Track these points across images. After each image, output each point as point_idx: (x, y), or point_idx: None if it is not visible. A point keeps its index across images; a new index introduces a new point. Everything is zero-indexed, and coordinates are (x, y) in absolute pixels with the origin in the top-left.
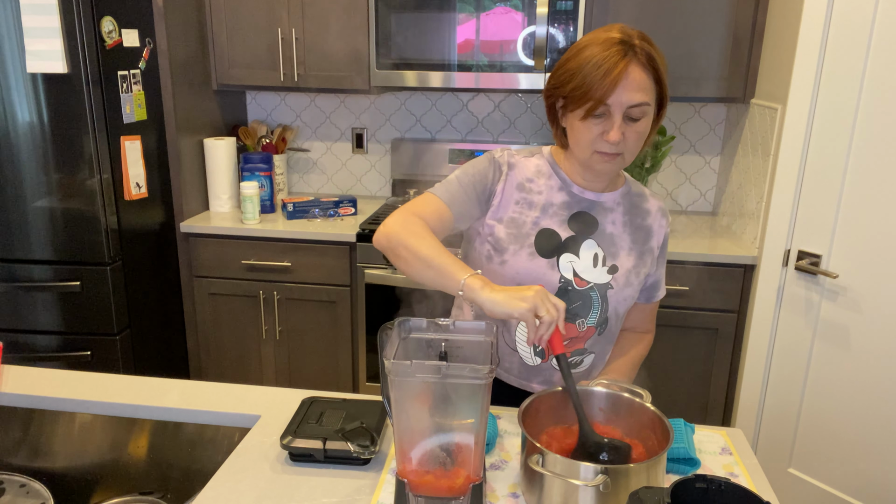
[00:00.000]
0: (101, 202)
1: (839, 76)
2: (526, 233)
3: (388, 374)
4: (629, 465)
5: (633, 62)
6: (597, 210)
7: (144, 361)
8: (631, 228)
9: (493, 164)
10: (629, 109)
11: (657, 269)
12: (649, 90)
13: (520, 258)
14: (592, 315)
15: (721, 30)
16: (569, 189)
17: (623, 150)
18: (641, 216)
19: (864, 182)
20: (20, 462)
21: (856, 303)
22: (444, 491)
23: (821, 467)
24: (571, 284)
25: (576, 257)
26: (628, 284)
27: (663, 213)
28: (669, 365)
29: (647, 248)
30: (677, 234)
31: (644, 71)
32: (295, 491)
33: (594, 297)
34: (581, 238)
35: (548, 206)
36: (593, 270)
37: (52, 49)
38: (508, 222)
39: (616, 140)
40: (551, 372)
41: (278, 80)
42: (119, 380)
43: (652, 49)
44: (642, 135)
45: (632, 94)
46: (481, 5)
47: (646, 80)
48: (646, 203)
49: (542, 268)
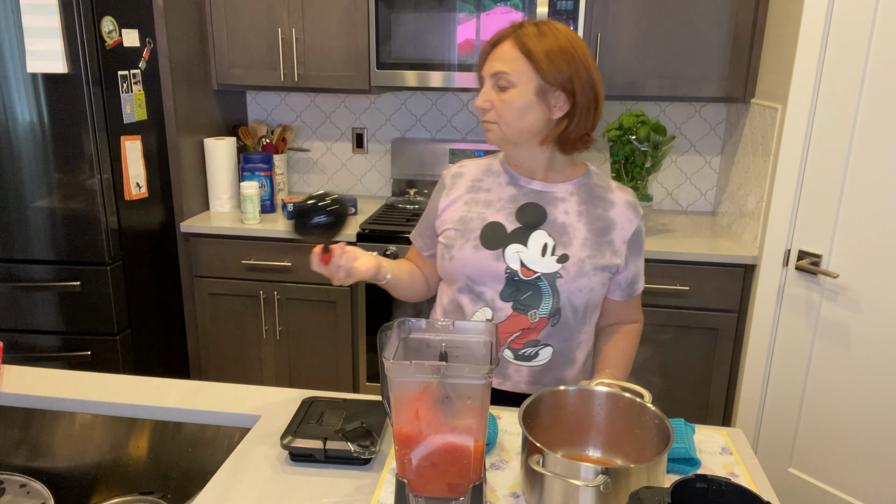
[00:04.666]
0: (101, 202)
1: (839, 76)
2: (472, 228)
3: (388, 375)
4: (629, 465)
5: (509, 38)
6: (546, 200)
7: (144, 361)
8: (588, 218)
9: (438, 186)
10: (493, 77)
11: (631, 263)
12: (514, 62)
13: (465, 252)
14: (544, 306)
15: (721, 30)
16: (516, 182)
17: (497, 119)
18: (603, 207)
19: (864, 182)
20: (20, 462)
21: (856, 303)
22: (444, 491)
23: (821, 467)
24: (517, 274)
25: (524, 247)
26: (581, 274)
27: (631, 207)
28: (669, 365)
29: (607, 239)
30: (677, 234)
31: (514, 46)
32: (295, 491)
33: (543, 286)
34: (530, 228)
35: (495, 202)
36: (541, 260)
37: (52, 49)
38: (457, 221)
39: (478, 104)
40: (505, 364)
41: (278, 80)
42: (119, 380)
43: (537, 32)
44: (510, 105)
45: (493, 62)
46: (481, 5)
47: (512, 53)
48: (609, 194)
49: (487, 259)
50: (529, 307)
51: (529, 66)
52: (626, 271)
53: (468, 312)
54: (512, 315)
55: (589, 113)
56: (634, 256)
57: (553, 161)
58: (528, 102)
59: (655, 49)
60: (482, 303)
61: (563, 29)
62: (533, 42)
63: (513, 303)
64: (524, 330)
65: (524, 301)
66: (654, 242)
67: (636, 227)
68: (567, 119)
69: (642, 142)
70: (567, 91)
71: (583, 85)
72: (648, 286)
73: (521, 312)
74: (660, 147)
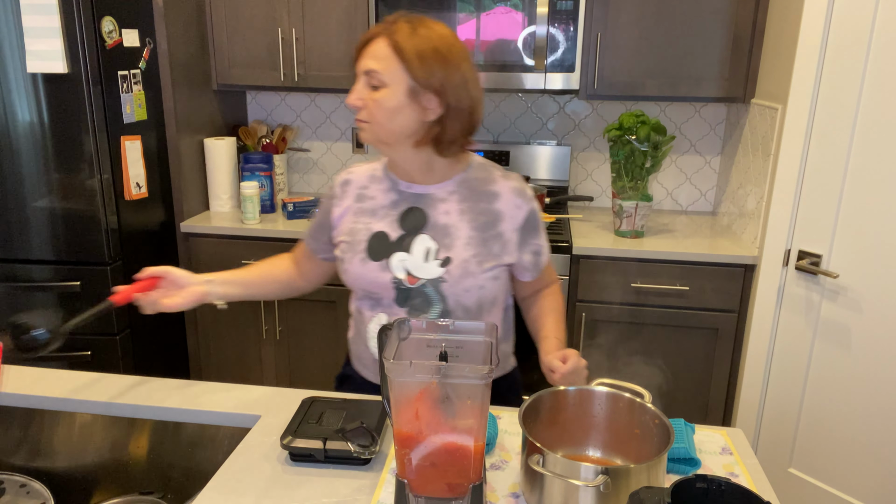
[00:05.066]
0: (101, 202)
1: (839, 76)
2: (359, 240)
3: (388, 375)
4: (629, 465)
5: (380, 36)
6: (426, 203)
7: (144, 361)
8: (471, 215)
9: (327, 192)
10: (366, 76)
11: (529, 247)
12: (385, 61)
13: (354, 265)
14: (434, 310)
15: (721, 30)
16: (397, 188)
17: (369, 118)
18: (486, 201)
19: (864, 182)
20: (20, 462)
21: (856, 303)
22: (444, 491)
23: (821, 467)
24: (403, 283)
25: (407, 255)
26: (467, 275)
27: (518, 193)
28: (669, 365)
29: (494, 233)
30: (677, 234)
31: (386, 44)
32: (295, 491)
33: (429, 292)
34: (412, 234)
35: (379, 210)
36: (424, 266)
37: (52, 49)
38: (347, 234)
39: (349, 102)
40: None
41: (278, 80)
42: (119, 380)
43: (410, 30)
44: (381, 105)
45: (366, 60)
46: (481, 5)
47: (384, 51)
48: (492, 186)
49: (374, 271)
50: (420, 313)
51: (400, 66)
52: (526, 255)
53: (366, 318)
54: None
55: (462, 117)
56: (531, 238)
57: (431, 163)
58: (400, 103)
59: (655, 49)
60: (380, 308)
61: (438, 29)
62: (405, 41)
63: (408, 308)
64: None
65: (416, 307)
66: (655, 242)
67: (527, 212)
68: (441, 122)
69: (642, 142)
70: (439, 94)
71: (456, 88)
72: (648, 286)
73: (415, 317)
74: (660, 147)
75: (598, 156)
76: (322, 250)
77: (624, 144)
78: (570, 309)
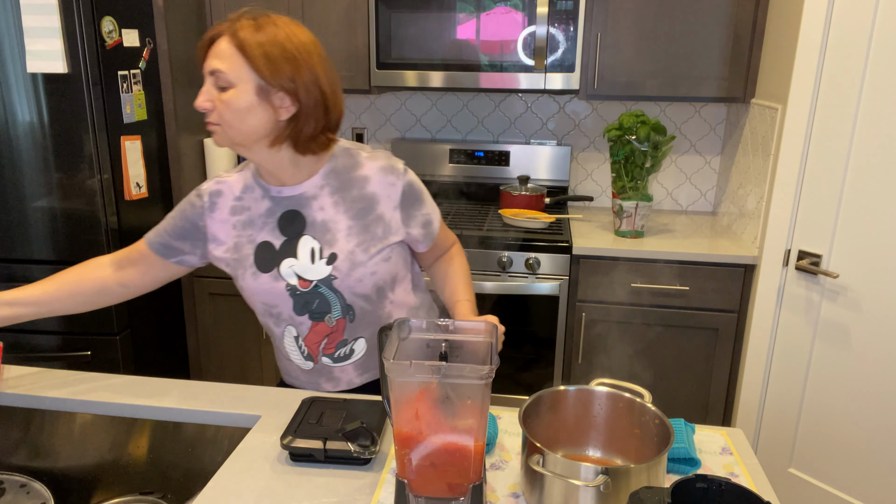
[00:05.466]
0: (101, 202)
1: (839, 76)
2: (246, 254)
3: (388, 375)
4: (629, 465)
5: (224, 34)
6: (299, 203)
7: (144, 361)
8: (346, 205)
9: (193, 200)
10: (212, 76)
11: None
12: (230, 60)
13: (247, 281)
14: (335, 308)
15: (721, 30)
16: (269, 194)
17: (219, 120)
18: (357, 187)
19: (864, 182)
20: (20, 462)
21: (856, 303)
22: (445, 491)
23: (821, 467)
24: (297, 289)
25: (295, 259)
26: (355, 266)
27: (388, 171)
28: (669, 365)
29: (374, 217)
30: (677, 234)
31: (230, 42)
32: (295, 491)
33: (324, 292)
34: (295, 238)
35: (257, 220)
36: (312, 267)
37: (52, 49)
38: (231, 249)
39: (197, 104)
40: (329, 370)
41: None
42: (119, 380)
43: (254, 27)
44: (231, 106)
45: (211, 60)
46: (481, 5)
47: (228, 49)
48: (360, 171)
49: (268, 283)
50: (324, 314)
51: (246, 65)
52: (414, 229)
53: (277, 335)
54: (312, 325)
55: (317, 113)
56: (415, 210)
57: (295, 161)
58: (250, 103)
59: (655, 49)
60: (284, 322)
61: (285, 25)
62: (248, 38)
63: (308, 314)
64: (328, 335)
65: (316, 310)
66: (655, 242)
67: (402, 186)
68: (295, 120)
69: (642, 142)
70: (290, 92)
71: (306, 85)
72: (648, 286)
73: (318, 321)
74: (660, 147)
75: (598, 156)
76: (176, 254)
77: (624, 144)
78: (570, 309)
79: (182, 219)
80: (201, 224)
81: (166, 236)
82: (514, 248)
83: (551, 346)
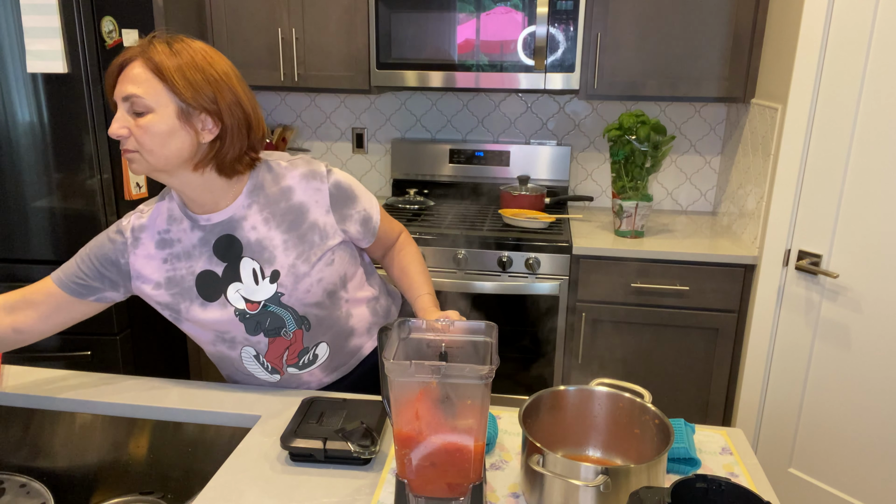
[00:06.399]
0: (101, 202)
1: (839, 76)
2: (188, 287)
3: (388, 375)
4: (629, 465)
5: (137, 59)
6: (231, 227)
7: (144, 361)
8: (276, 220)
9: (113, 236)
10: (126, 102)
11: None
12: (147, 84)
13: (194, 313)
14: (289, 322)
15: (721, 30)
16: (198, 224)
17: (138, 147)
18: (284, 199)
19: (864, 182)
20: (20, 462)
21: (856, 303)
22: (445, 491)
23: (821, 467)
24: (246, 312)
25: (240, 283)
26: (300, 279)
27: (311, 176)
28: (669, 365)
29: (307, 226)
30: (677, 234)
31: (145, 66)
32: (295, 491)
33: (274, 310)
34: (235, 262)
35: (191, 251)
36: (257, 288)
37: (52, 49)
38: (166, 284)
39: (112, 132)
40: (298, 376)
41: (278, 79)
42: (119, 380)
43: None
44: (150, 131)
45: (124, 85)
46: (481, 5)
47: (143, 74)
48: (282, 182)
49: (217, 312)
50: (279, 329)
51: (165, 88)
52: (352, 227)
53: (234, 358)
54: (270, 342)
55: (241, 133)
56: (348, 209)
57: (219, 184)
58: (171, 127)
59: (655, 49)
60: (239, 345)
61: (199, 47)
62: (165, 62)
63: (263, 332)
64: (288, 347)
65: (270, 327)
66: (655, 242)
67: (328, 189)
68: (219, 141)
69: (642, 142)
70: (212, 113)
71: (229, 106)
72: (648, 286)
73: (275, 336)
74: (660, 147)
75: (598, 156)
76: (94, 293)
77: (624, 144)
78: (570, 309)
79: (99, 257)
80: (123, 261)
81: (82, 275)
82: (514, 248)
83: (551, 346)
